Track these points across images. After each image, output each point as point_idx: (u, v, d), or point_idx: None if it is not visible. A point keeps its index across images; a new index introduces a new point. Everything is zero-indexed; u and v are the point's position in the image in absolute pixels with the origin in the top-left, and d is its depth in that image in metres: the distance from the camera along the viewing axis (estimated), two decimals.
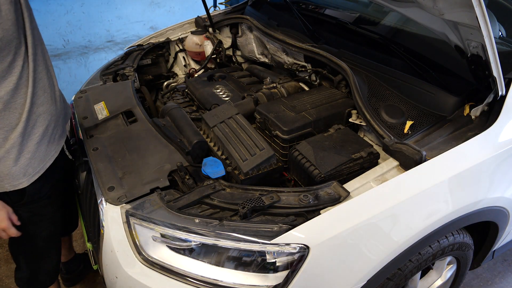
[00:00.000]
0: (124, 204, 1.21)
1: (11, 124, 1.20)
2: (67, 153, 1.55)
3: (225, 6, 3.84)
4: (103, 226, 1.22)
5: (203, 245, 1.11)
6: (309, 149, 1.36)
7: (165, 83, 2.34)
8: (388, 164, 1.25)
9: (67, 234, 1.87)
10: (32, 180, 1.29)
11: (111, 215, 1.20)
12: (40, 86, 1.26)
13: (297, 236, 1.07)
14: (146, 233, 1.15)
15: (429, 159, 1.22)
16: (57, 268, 1.58)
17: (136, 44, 2.42)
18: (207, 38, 2.47)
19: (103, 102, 1.75)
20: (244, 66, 2.54)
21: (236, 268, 1.11)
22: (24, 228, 1.37)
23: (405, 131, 1.39)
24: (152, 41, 2.46)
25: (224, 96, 1.90)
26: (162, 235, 1.14)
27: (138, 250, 1.15)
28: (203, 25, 2.52)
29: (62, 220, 1.54)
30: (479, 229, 1.59)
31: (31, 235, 1.42)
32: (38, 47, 1.24)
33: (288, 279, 1.09)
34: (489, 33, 1.11)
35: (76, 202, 1.75)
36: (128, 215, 1.17)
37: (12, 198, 1.31)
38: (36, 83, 1.24)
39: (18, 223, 1.30)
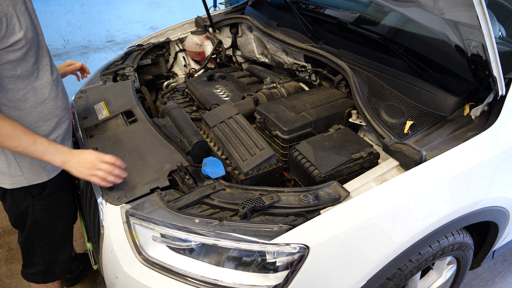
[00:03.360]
0: (124, 204, 1.21)
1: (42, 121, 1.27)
2: None
3: (225, 6, 3.84)
4: (103, 226, 1.22)
5: (203, 245, 1.11)
6: (309, 149, 1.36)
7: (165, 83, 2.34)
8: (388, 164, 1.25)
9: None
10: (52, 175, 1.36)
11: (111, 215, 1.20)
12: (55, 79, 1.32)
13: (297, 236, 1.07)
14: (146, 233, 1.15)
15: (429, 159, 1.21)
16: (71, 258, 1.61)
17: (136, 44, 2.42)
18: (207, 38, 2.47)
19: (103, 102, 1.76)
20: (244, 66, 2.54)
21: (236, 268, 1.11)
22: (42, 221, 1.42)
23: (405, 131, 1.39)
24: (152, 41, 2.46)
25: (224, 96, 1.90)
26: (162, 235, 1.14)
27: (138, 250, 1.15)
28: (203, 25, 2.52)
29: (74, 209, 1.60)
30: (479, 229, 1.59)
31: (49, 227, 1.46)
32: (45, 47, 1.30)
33: (288, 279, 1.09)
34: (489, 32, 1.10)
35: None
36: (128, 215, 1.17)
37: (32, 192, 1.35)
38: (54, 76, 1.31)
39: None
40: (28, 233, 1.44)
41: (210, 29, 2.48)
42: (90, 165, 1.21)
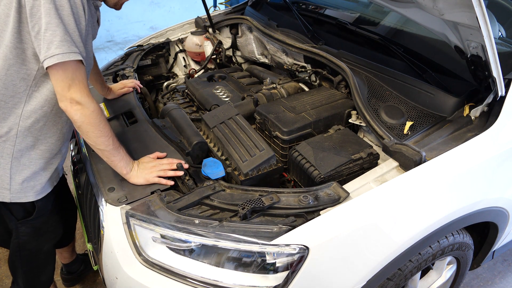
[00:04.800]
0: (124, 205, 1.21)
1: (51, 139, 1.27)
2: None
3: (225, 7, 3.84)
4: (103, 227, 1.22)
5: (203, 246, 1.11)
6: (309, 150, 1.36)
7: (165, 84, 2.34)
8: (387, 164, 1.25)
9: (62, 246, 1.82)
10: (39, 197, 1.30)
11: (111, 216, 1.20)
12: None
13: (296, 237, 1.07)
14: (146, 234, 1.16)
15: (428, 160, 1.22)
16: (52, 277, 1.58)
17: (136, 44, 2.42)
18: (207, 38, 2.47)
19: (103, 103, 1.76)
20: (244, 66, 2.54)
21: (236, 268, 1.11)
22: (26, 245, 1.37)
23: (405, 131, 1.39)
24: (152, 41, 2.46)
25: (224, 96, 1.90)
26: (162, 236, 1.14)
27: (138, 251, 1.15)
28: (203, 26, 2.52)
29: (62, 233, 1.54)
30: (479, 229, 1.59)
31: (33, 251, 1.41)
32: None
33: (288, 280, 1.09)
34: (489, 33, 1.11)
35: (72, 214, 1.75)
36: (128, 216, 1.17)
37: (16, 215, 1.30)
38: None
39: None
40: (11, 255, 1.41)
41: (210, 30, 2.48)
42: (152, 168, 1.28)
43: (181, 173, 1.30)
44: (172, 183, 1.29)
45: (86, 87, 1.14)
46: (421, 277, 1.62)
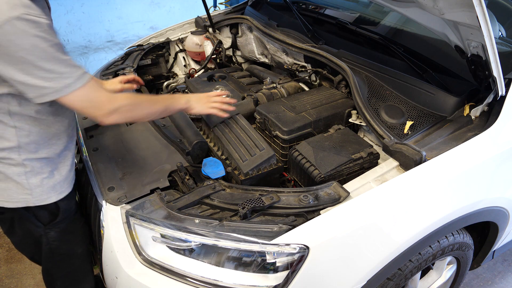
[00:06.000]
0: (124, 205, 1.21)
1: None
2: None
3: (225, 6, 3.84)
4: (103, 227, 1.22)
5: (203, 245, 1.11)
6: (309, 150, 1.36)
7: (165, 83, 2.34)
8: (388, 164, 1.25)
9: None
10: (61, 197, 1.25)
11: (111, 215, 1.20)
12: None
13: (297, 236, 1.07)
14: (146, 233, 1.15)
15: (429, 160, 1.22)
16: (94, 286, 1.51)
17: (136, 44, 2.42)
18: (207, 38, 2.47)
19: None
20: (244, 66, 2.54)
21: (236, 268, 1.11)
22: (59, 250, 1.33)
23: (405, 131, 1.39)
24: (152, 41, 2.46)
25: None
26: (162, 236, 1.14)
27: (138, 250, 1.15)
28: (203, 25, 2.52)
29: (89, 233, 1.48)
30: (479, 229, 1.59)
31: (67, 255, 1.37)
32: None
33: (288, 279, 1.09)
34: (489, 33, 1.11)
35: None
36: (128, 215, 1.17)
37: (42, 220, 1.26)
38: None
39: None
40: (45, 264, 1.37)
41: (210, 29, 2.48)
42: (206, 99, 1.40)
43: (232, 108, 1.46)
44: (226, 115, 1.43)
45: (105, 93, 1.10)
46: (421, 277, 1.62)
